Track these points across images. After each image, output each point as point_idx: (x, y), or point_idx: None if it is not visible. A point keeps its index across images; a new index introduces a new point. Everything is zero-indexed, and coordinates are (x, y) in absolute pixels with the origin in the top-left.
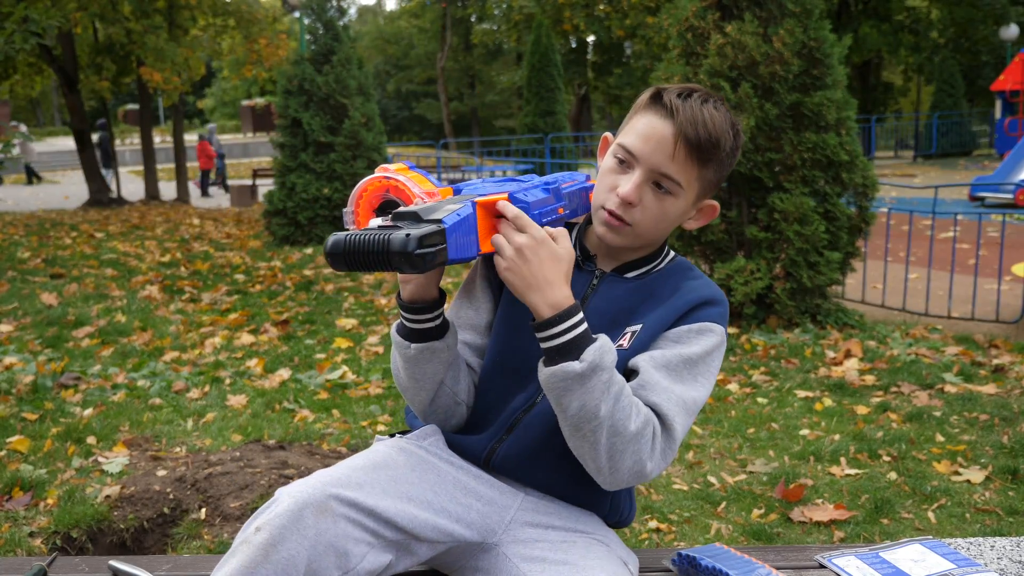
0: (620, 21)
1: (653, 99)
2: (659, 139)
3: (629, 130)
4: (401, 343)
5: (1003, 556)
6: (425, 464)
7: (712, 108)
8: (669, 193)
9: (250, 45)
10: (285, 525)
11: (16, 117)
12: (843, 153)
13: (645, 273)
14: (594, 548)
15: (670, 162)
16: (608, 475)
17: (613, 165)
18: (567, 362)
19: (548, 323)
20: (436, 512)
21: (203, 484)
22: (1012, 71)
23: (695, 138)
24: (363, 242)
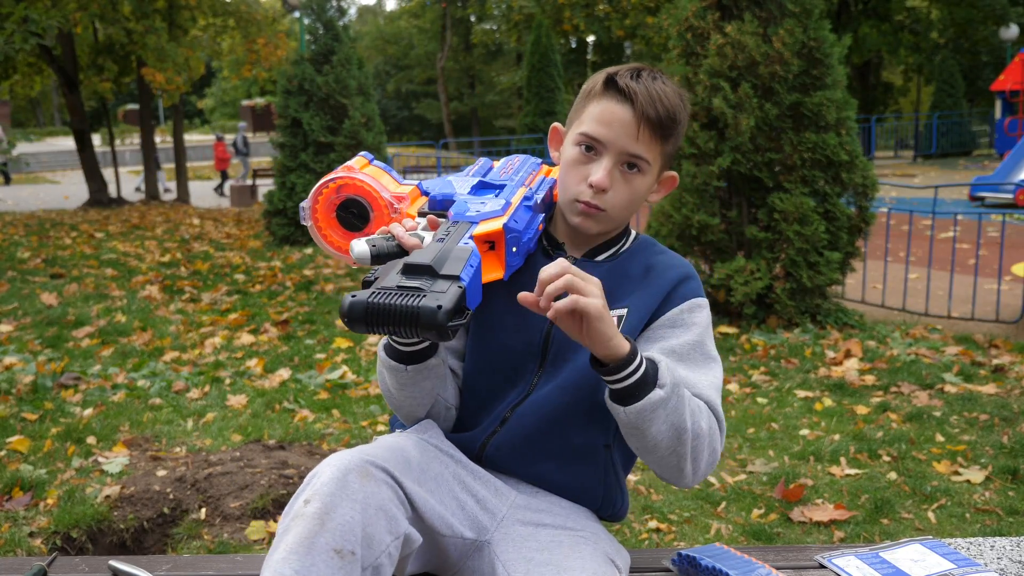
0: (620, 21)
1: (607, 85)
2: (621, 122)
3: (588, 118)
4: (396, 367)
5: (1003, 556)
6: (431, 455)
7: (663, 84)
8: (638, 171)
9: (250, 45)
10: (334, 492)
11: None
12: (843, 153)
13: (614, 255)
14: (581, 547)
15: (635, 143)
16: (691, 476)
17: (578, 155)
18: (650, 393)
19: (618, 367)
20: (441, 503)
21: (203, 484)
22: (1012, 71)
23: (655, 116)
24: (388, 311)
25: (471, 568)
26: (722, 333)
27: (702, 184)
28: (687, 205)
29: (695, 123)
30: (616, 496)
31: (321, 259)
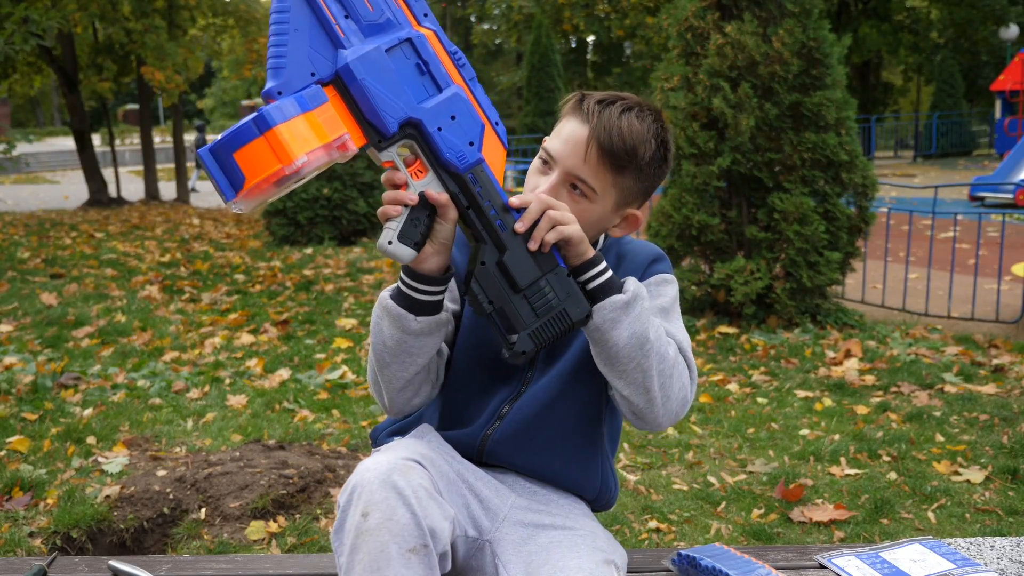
0: (620, 21)
1: (576, 104)
2: (575, 142)
3: (554, 131)
4: (405, 315)
5: (1003, 556)
6: (438, 455)
7: (633, 117)
8: (584, 196)
9: (249, 45)
10: (387, 497)
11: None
12: (843, 153)
13: None
14: (579, 547)
15: (583, 165)
16: (661, 405)
17: (538, 166)
18: (613, 295)
19: (585, 267)
20: (451, 500)
21: (203, 484)
22: (1012, 71)
23: (608, 144)
24: (550, 331)
25: (473, 567)
26: (722, 333)
27: (702, 184)
28: (687, 205)
29: (695, 123)
30: (610, 480)
31: (321, 259)
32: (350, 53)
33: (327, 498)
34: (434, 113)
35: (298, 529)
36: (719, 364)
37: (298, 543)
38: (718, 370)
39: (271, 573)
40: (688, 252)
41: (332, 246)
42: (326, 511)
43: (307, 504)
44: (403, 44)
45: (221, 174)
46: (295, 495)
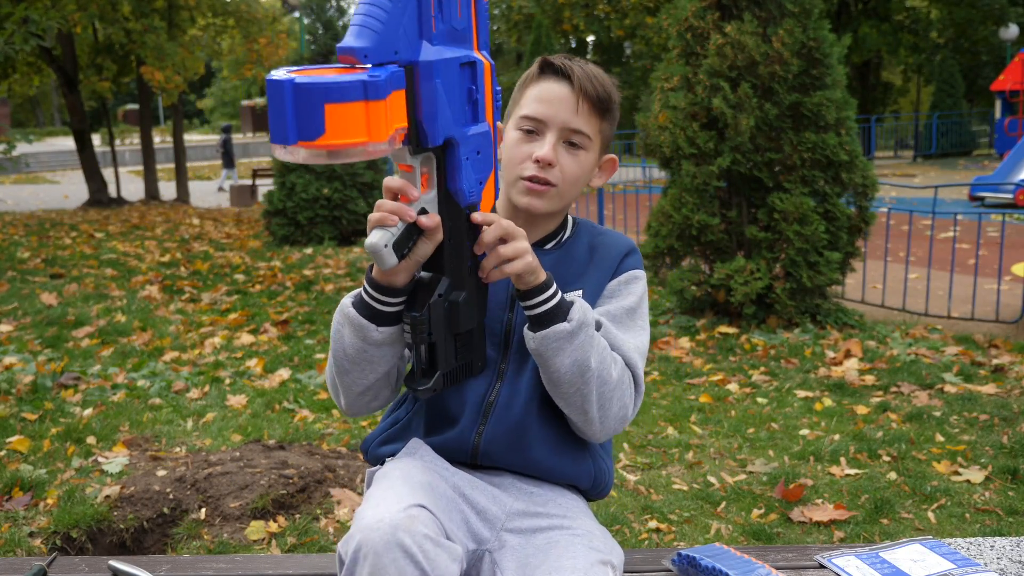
0: (620, 21)
1: (543, 68)
2: (562, 99)
3: (527, 102)
4: (367, 325)
5: (1003, 556)
6: (432, 474)
7: (596, 68)
8: (581, 148)
9: (249, 45)
10: (395, 559)
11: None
12: (843, 153)
13: (559, 243)
14: (575, 547)
15: (576, 117)
16: (599, 424)
17: (519, 137)
18: (557, 324)
19: (532, 294)
20: (450, 519)
21: (203, 484)
22: (1012, 71)
23: (594, 92)
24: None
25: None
26: (722, 333)
27: (702, 184)
28: (687, 205)
29: (695, 123)
30: (603, 466)
31: (321, 259)
32: (434, 51)
33: (327, 498)
34: (470, 141)
35: (298, 529)
36: (719, 364)
37: (298, 543)
38: (718, 370)
39: (271, 573)
40: (688, 252)
41: (332, 246)
42: (326, 511)
43: (307, 504)
44: (468, 64)
45: (295, 115)
46: (295, 495)
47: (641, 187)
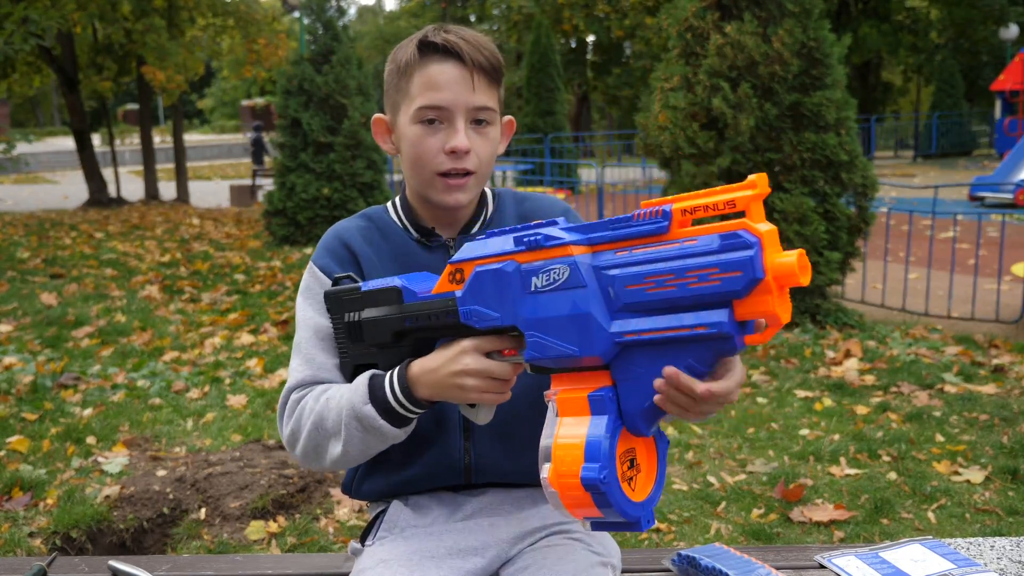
0: (619, 21)
1: (424, 49)
2: (457, 80)
3: (418, 90)
4: (397, 433)
5: (1003, 556)
6: (420, 555)
7: (474, 33)
8: (488, 123)
9: (249, 45)
10: None
11: (16, 117)
12: (843, 153)
13: (486, 223)
14: (574, 551)
15: (475, 94)
16: None
17: (421, 130)
18: None
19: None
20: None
21: (203, 484)
22: (1012, 71)
23: (486, 63)
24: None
25: None
26: None
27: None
28: None
29: (695, 123)
30: None
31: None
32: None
33: (327, 498)
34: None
35: (298, 529)
36: None
37: (298, 543)
38: None
39: (271, 573)
40: None
41: None
42: (326, 511)
43: (307, 504)
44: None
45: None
46: (295, 495)
47: (641, 187)
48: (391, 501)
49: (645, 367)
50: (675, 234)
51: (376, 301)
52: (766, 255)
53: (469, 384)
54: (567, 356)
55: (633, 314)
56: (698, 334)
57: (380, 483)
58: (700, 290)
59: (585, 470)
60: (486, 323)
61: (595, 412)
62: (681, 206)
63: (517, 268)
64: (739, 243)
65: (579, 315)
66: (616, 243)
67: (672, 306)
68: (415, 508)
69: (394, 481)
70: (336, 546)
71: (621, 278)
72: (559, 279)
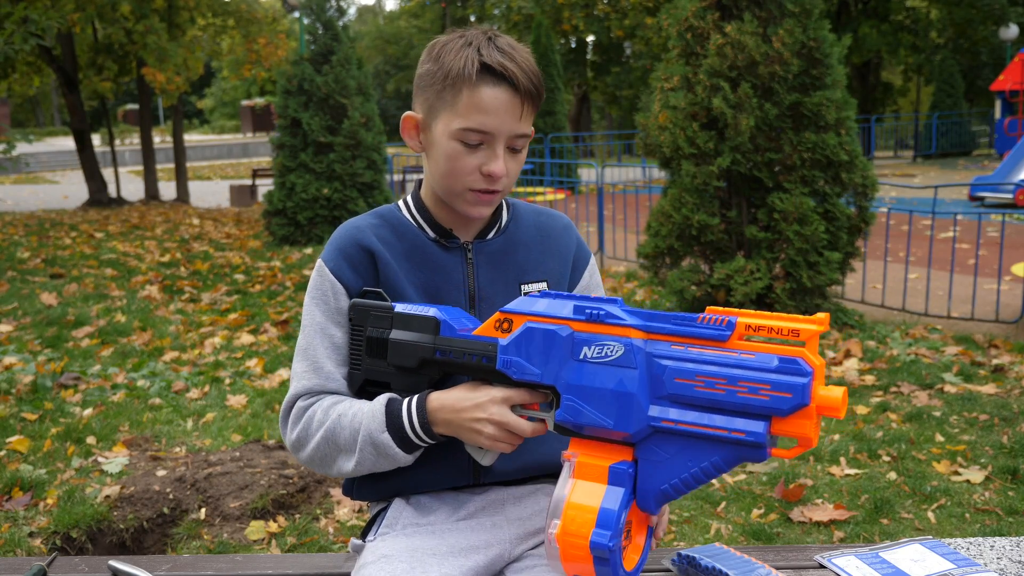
0: (619, 21)
1: (483, 71)
2: (507, 108)
3: (467, 111)
4: (407, 459)
5: (1003, 556)
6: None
7: (525, 54)
8: (520, 150)
9: (249, 45)
10: None
11: (16, 117)
12: (843, 153)
13: (501, 229)
14: None
15: (520, 123)
16: None
17: (461, 149)
18: None
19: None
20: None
21: (203, 484)
22: (1012, 71)
23: (534, 91)
24: None
25: None
26: None
27: (702, 184)
28: (687, 205)
29: (695, 123)
30: None
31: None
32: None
33: (327, 498)
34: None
35: (298, 529)
36: None
37: (298, 543)
38: None
39: (271, 573)
40: (688, 252)
41: None
42: (326, 511)
43: (307, 504)
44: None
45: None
46: (295, 495)
47: (641, 187)
48: (393, 499)
49: (671, 454)
50: (732, 344)
51: (408, 325)
52: (814, 385)
53: (488, 431)
54: (600, 427)
55: (675, 406)
56: (734, 438)
57: (383, 484)
58: (748, 400)
59: (596, 535)
60: (525, 377)
61: (613, 483)
62: (747, 321)
63: (571, 334)
64: (797, 369)
65: (623, 393)
66: (674, 337)
67: (715, 408)
68: (417, 506)
69: (397, 481)
70: (336, 546)
71: (672, 370)
72: (611, 355)
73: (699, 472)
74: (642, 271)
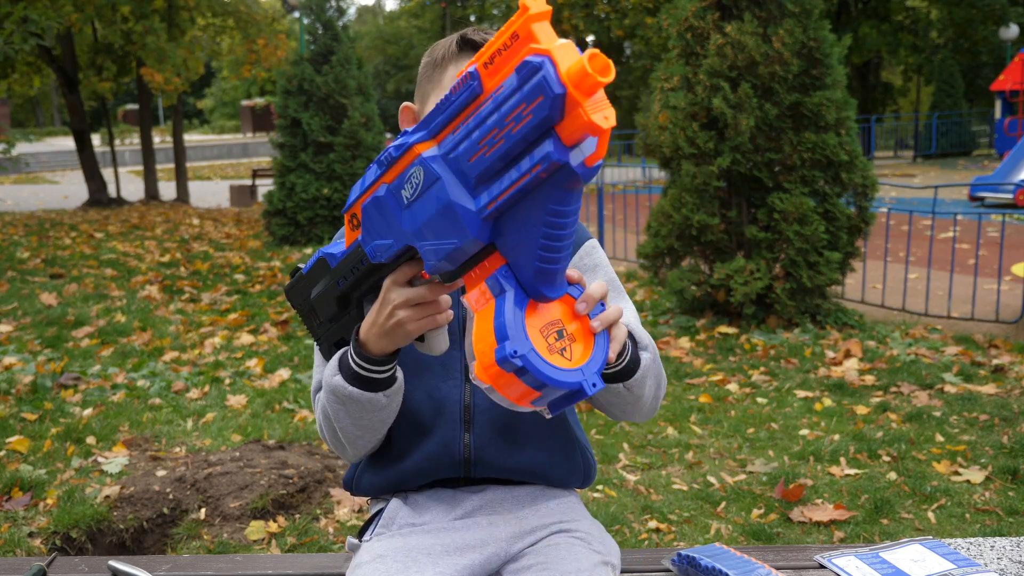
0: (619, 21)
1: (463, 46)
2: None
3: (450, 83)
4: (374, 398)
5: (1003, 556)
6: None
7: None
8: None
9: (249, 45)
10: None
11: (16, 117)
12: (843, 153)
13: None
14: (576, 549)
15: None
16: (659, 405)
17: None
18: (640, 360)
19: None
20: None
21: (203, 484)
22: (1012, 71)
23: None
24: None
25: None
26: (722, 333)
27: (702, 184)
28: (687, 205)
29: (695, 123)
30: (590, 456)
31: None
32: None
33: (327, 498)
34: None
35: (298, 529)
36: (719, 364)
37: (298, 543)
38: (718, 370)
39: (271, 573)
40: (688, 252)
41: None
42: (326, 511)
43: (307, 504)
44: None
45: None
46: (295, 495)
47: (641, 187)
48: (390, 499)
49: (518, 228)
50: (489, 90)
51: (314, 279)
52: (561, 70)
53: (402, 317)
54: (451, 251)
55: (487, 185)
56: (538, 174)
57: (380, 477)
58: (522, 130)
59: (497, 352)
60: (388, 254)
61: (496, 295)
62: (482, 59)
63: (388, 189)
64: (530, 69)
65: (444, 207)
66: (451, 124)
67: (511, 158)
68: (413, 506)
69: (394, 474)
70: (336, 546)
71: (462, 153)
72: (420, 182)
73: (547, 230)
74: (642, 271)
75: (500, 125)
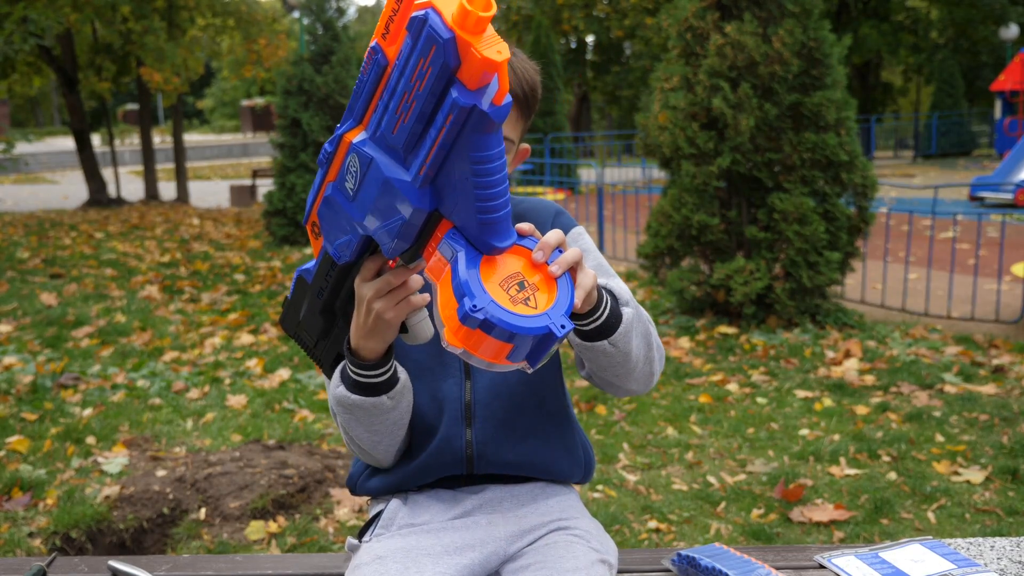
0: (619, 21)
1: None
2: None
3: None
4: (378, 402)
5: (1003, 556)
6: (415, 554)
7: (522, 59)
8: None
9: (249, 45)
10: None
11: (16, 117)
12: (843, 153)
13: None
14: (574, 547)
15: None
16: (657, 375)
17: None
18: (621, 314)
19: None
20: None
21: (203, 484)
22: (1012, 71)
23: (522, 95)
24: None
25: None
26: (722, 333)
27: (702, 184)
28: (687, 205)
29: (695, 123)
30: (588, 450)
31: None
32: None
33: (327, 498)
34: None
35: (298, 529)
36: (719, 364)
37: (298, 543)
38: (718, 370)
39: (271, 573)
40: (688, 252)
41: None
42: (326, 511)
43: (307, 504)
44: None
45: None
46: (295, 495)
47: (641, 187)
48: (391, 499)
49: (453, 190)
50: (392, 57)
51: (298, 301)
52: (445, 16)
53: (378, 308)
54: (400, 227)
55: (415, 152)
56: (453, 124)
57: (383, 477)
58: (428, 86)
59: (459, 310)
60: (350, 250)
61: (449, 259)
62: (380, 32)
63: (333, 187)
64: (418, 23)
65: (383, 185)
66: (371, 104)
67: (428, 119)
68: (413, 506)
69: (397, 473)
70: (336, 546)
71: (386, 128)
72: (357, 169)
73: (477, 179)
74: (642, 271)
75: (408, 88)
